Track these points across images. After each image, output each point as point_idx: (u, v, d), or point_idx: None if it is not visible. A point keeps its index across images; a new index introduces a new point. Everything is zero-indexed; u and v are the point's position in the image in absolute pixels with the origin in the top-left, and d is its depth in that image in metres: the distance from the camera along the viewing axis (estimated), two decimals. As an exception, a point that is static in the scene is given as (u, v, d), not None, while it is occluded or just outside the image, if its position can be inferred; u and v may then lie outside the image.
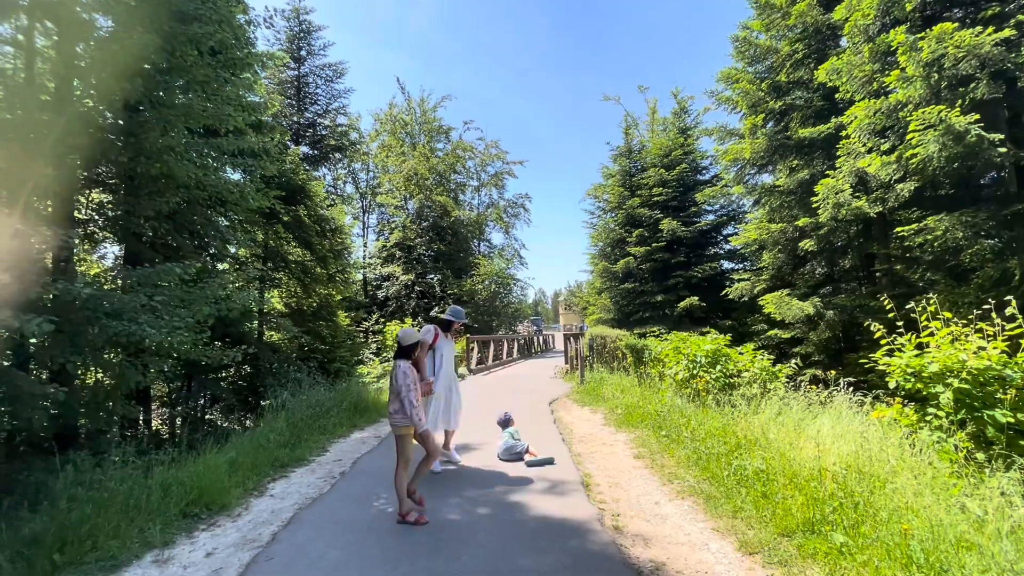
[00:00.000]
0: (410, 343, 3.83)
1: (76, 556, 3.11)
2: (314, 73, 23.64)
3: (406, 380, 3.67)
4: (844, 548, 2.98)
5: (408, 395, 3.63)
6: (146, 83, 5.22)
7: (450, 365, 5.17)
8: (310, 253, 12.40)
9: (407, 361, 3.77)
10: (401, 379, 3.67)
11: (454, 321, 5.26)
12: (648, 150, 21.34)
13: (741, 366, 7.21)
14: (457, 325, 5.31)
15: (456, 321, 5.28)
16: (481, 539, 3.39)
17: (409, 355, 3.80)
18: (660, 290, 18.70)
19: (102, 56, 5.80)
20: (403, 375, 3.68)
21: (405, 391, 3.64)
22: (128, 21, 5.46)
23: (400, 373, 3.68)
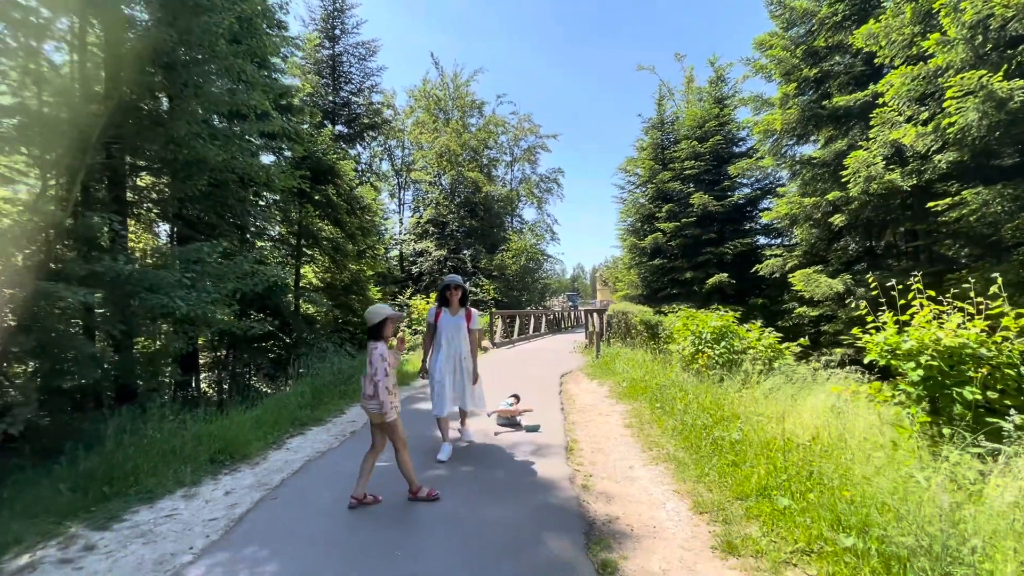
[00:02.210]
0: (377, 321, 3.43)
1: (121, 489, 3.73)
2: (348, 52, 24.10)
3: (382, 364, 3.36)
4: (787, 510, 3.18)
5: (383, 381, 3.33)
6: (173, 74, 5.71)
7: (455, 344, 4.57)
8: (340, 230, 13.04)
9: (383, 343, 3.44)
10: (377, 363, 3.35)
11: (449, 289, 4.59)
12: (681, 122, 20.74)
13: (746, 343, 7.25)
14: (452, 294, 4.58)
15: (451, 289, 4.58)
16: (459, 491, 3.79)
17: (379, 336, 3.43)
18: (689, 267, 18.45)
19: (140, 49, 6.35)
20: (379, 358, 3.36)
21: (381, 375, 3.33)
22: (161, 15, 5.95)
23: (376, 356, 3.36)
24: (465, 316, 4.66)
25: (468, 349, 4.65)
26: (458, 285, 4.67)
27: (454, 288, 4.64)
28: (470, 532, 3.12)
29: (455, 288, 4.64)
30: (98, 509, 3.47)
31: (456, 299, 4.65)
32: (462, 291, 4.68)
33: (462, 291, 4.68)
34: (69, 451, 4.23)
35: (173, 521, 3.36)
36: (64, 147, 6.47)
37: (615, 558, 2.85)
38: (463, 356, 4.62)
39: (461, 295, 4.67)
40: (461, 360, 4.62)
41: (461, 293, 4.67)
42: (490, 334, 15.15)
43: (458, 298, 4.65)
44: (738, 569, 2.74)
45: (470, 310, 4.73)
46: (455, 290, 4.64)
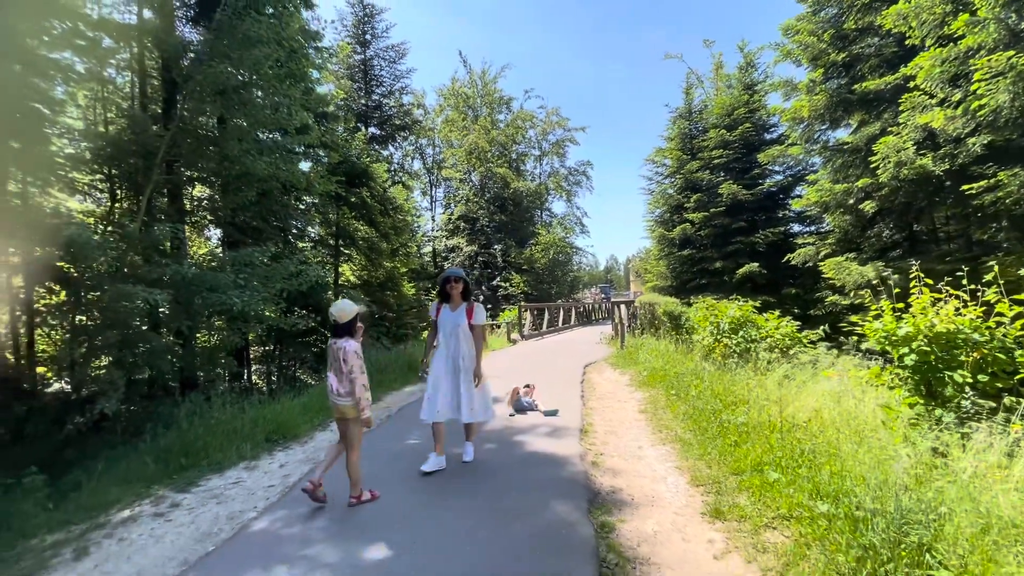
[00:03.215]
0: (349, 318, 3.39)
1: (194, 461, 4.39)
2: (378, 56, 24.89)
3: (358, 361, 3.35)
4: (776, 483, 3.48)
5: (360, 378, 3.33)
6: (225, 98, 6.37)
7: (454, 342, 4.13)
8: (375, 230, 13.74)
9: (353, 339, 3.41)
10: (352, 360, 3.32)
11: (449, 282, 4.19)
12: (710, 110, 20.49)
13: (764, 332, 7.41)
14: (453, 287, 4.17)
15: (451, 282, 4.18)
16: (479, 467, 4.26)
17: (350, 332, 3.41)
18: (719, 257, 18.33)
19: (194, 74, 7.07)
20: (353, 355, 3.34)
21: (358, 372, 3.33)
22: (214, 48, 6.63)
23: (351, 353, 3.34)
24: (466, 312, 4.19)
25: (469, 348, 4.18)
26: (459, 278, 4.22)
27: (455, 281, 4.20)
28: (485, 498, 3.58)
29: (455, 281, 4.20)
30: (178, 477, 4.13)
31: (457, 293, 4.22)
32: (464, 284, 4.24)
33: (464, 284, 4.24)
34: (150, 431, 4.96)
35: (239, 487, 3.97)
36: (132, 165, 7.29)
37: (613, 521, 3.25)
38: (462, 355, 4.13)
39: (463, 288, 4.24)
40: (460, 360, 4.13)
41: (463, 286, 4.24)
42: (519, 327, 15.60)
43: (459, 292, 4.22)
44: (722, 531, 3.08)
45: (473, 304, 4.25)
46: (456, 283, 4.20)
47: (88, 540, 3.14)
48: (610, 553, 2.85)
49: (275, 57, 6.23)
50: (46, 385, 7.86)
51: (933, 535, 2.50)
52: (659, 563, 2.78)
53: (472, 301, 4.32)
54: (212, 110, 6.21)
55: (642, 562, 2.79)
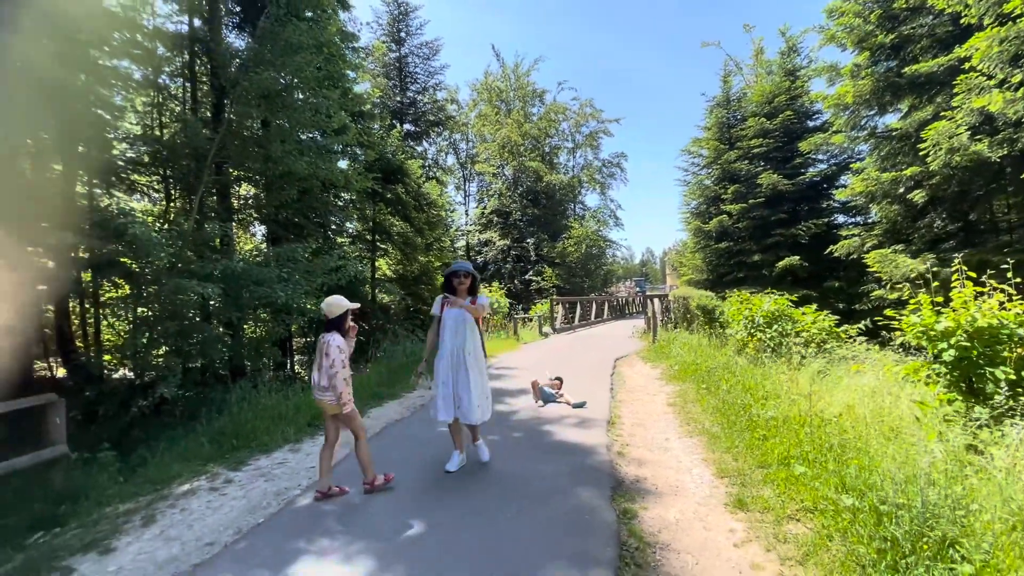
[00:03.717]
0: (339, 313, 3.40)
1: (244, 443, 4.73)
2: (413, 53, 25.32)
3: (339, 356, 3.32)
4: (802, 477, 3.49)
5: (340, 372, 3.31)
6: (269, 101, 6.72)
7: (458, 339, 3.88)
8: (409, 225, 14.10)
9: (337, 334, 3.39)
10: (334, 354, 3.30)
11: (457, 277, 3.94)
12: (749, 98, 19.85)
13: (799, 326, 7.26)
14: (461, 283, 3.92)
15: (460, 277, 3.92)
16: (508, 452, 4.42)
17: (340, 327, 3.42)
18: (758, 249, 17.82)
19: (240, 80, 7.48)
20: (336, 350, 3.31)
21: (339, 367, 3.31)
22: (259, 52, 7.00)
23: (333, 348, 3.31)
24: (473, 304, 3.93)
25: (474, 345, 3.95)
26: (468, 272, 3.96)
27: (463, 276, 3.93)
28: (513, 483, 3.73)
29: (464, 276, 3.93)
30: (230, 456, 4.48)
31: (464, 289, 3.96)
32: (472, 279, 3.97)
33: (472, 279, 3.97)
34: (205, 415, 5.36)
35: (284, 467, 4.28)
36: (185, 167, 7.78)
37: (636, 508, 3.34)
38: (467, 352, 3.87)
39: (470, 284, 3.97)
40: (464, 357, 3.87)
41: (471, 282, 3.97)
42: (550, 320, 15.70)
43: (466, 288, 3.95)
44: (744, 521, 3.13)
45: (480, 297, 4.03)
46: (464, 278, 3.93)
47: (154, 509, 3.48)
48: (631, 538, 2.95)
49: (315, 63, 6.51)
50: (111, 372, 8.54)
51: (960, 530, 2.49)
52: (679, 549, 2.86)
53: (480, 295, 4.06)
54: (257, 113, 6.56)
55: (662, 547, 2.88)
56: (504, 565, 2.64)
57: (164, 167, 8.43)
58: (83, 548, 3.00)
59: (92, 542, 3.06)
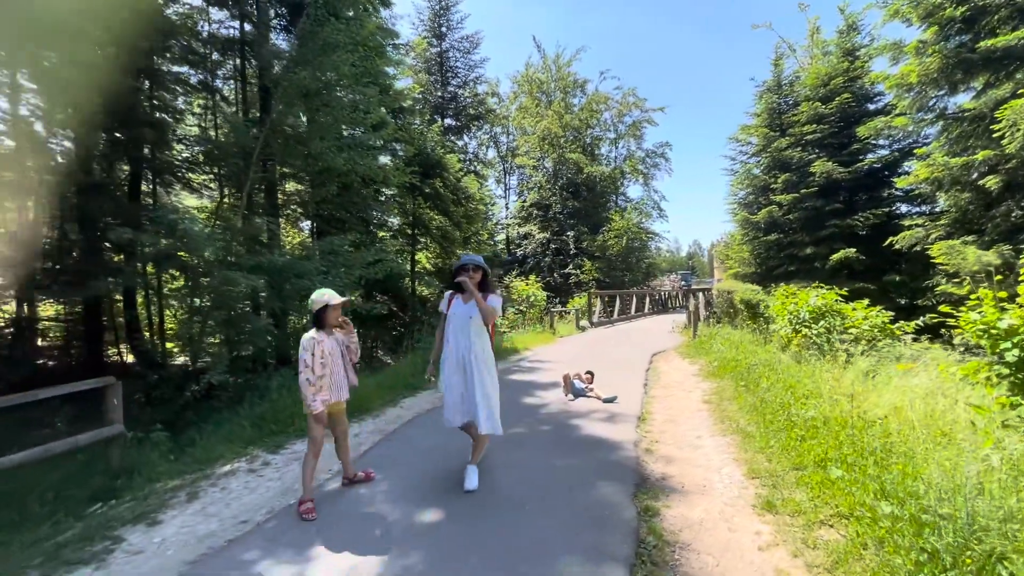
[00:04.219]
0: (316, 309, 3.27)
1: (283, 428, 4.97)
2: (454, 47, 25.52)
3: (304, 355, 3.16)
4: (839, 481, 3.30)
5: (302, 373, 3.15)
6: (309, 99, 6.97)
7: (464, 339, 3.55)
8: (448, 219, 14.28)
9: (319, 330, 3.27)
10: (300, 352, 3.17)
11: (466, 270, 3.55)
12: (802, 81, 18.76)
13: (849, 322, 6.85)
14: (469, 277, 3.50)
15: (468, 271, 3.54)
16: (533, 445, 4.43)
17: (317, 323, 3.29)
18: (810, 242, 16.90)
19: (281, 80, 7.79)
20: (302, 348, 3.18)
21: (302, 367, 3.15)
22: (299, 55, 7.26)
23: (301, 345, 3.20)
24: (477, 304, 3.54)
25: (483, 346, 3.60)
26: (477, 266, 3.58)
27: (472, 270, 3.55)
28: (536, 474, 3.74)
29: (474, 270, 3.56)
30: (270, 440, 4.72)
31: (474, 284, 3.55)
32: (483, 273, 3.60)
33: (483, 273, 3.60)
34: (249, 400, 5.66)
35: (318, 452, 4.46)
36: (235, 165, 8.19)
37: (658, 506, 3.27)
38: (474, 355, 3.53)
39: (481, 279, 3.58)
40: (472, 360, 3.52)
41: (481, 276, 3.59)
42: (588, 314, 15.53)
43: (476, 283, 3.53)
44: (772, 524, 3.00)
45: (491, 296, 3.60)
46: (474, 272, 3.55)
47: (198, 487, 3.72)
48: (650, 535, 2.89)
49: (351, 61, 6.67)
50: (173, 359, 9.16)
51: (1012, 545, 2.30)
52: (699, 549, 2.78)
53: (490, 293, 3.60)
54: (297, 112, 6.82)
55: (682, 546, 2.81)
56: (516, 556, 2.65)
57: (217, 165, 8.92)
58: (133, 520, 3.25)
59: (142, 514, 3.31)
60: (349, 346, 3.50)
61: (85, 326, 9.14)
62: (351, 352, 3.52)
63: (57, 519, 3.26)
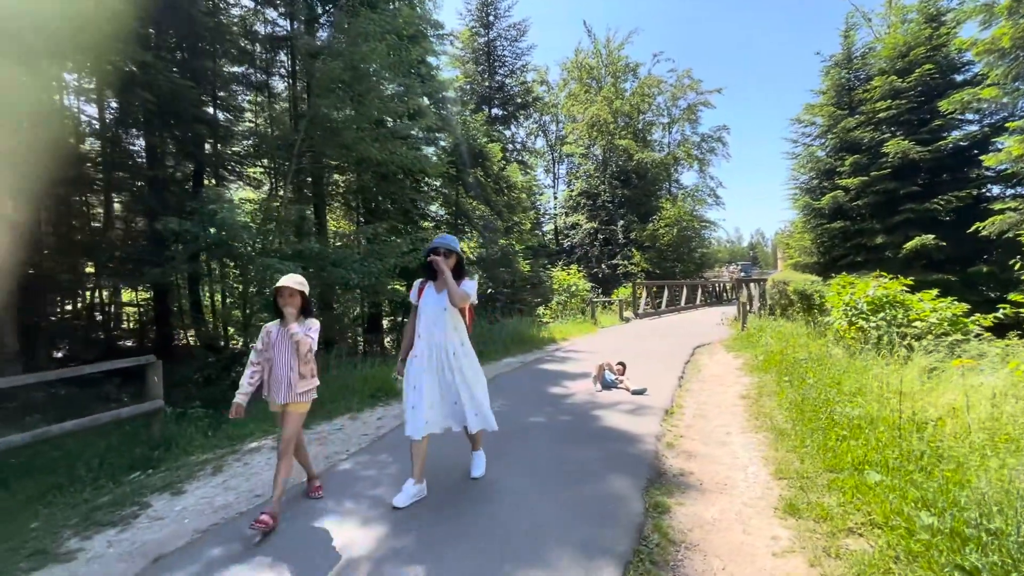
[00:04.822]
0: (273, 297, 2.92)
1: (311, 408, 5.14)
2: (501, 36, 25.36)
3: (255, 347, 2.96)
4: (878, 486, 2.99)
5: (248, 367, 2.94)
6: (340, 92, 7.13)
7: (439, 332, 3.13)
8: (489, 209, 14.28)
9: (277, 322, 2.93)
10: (258, 344, 2.96)
11: (437, 254, 3.12)
12: (877, 53, 17.17)
13: (914, 314, 6.21)
14: (440, 260, 3.08)
15: (438, 256, 3.11)
16: (550, 434, 4.34)
17: (277, 312, 2.92)
18: (881, 229, 15.56)
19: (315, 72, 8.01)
20: (260, 340, 2.96)
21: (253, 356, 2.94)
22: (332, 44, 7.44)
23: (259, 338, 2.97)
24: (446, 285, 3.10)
25: (461, 339, 3.22)
26: (449, 249, 3.17)
27: (445, 253, 3.14)
28: (546, 464, 3.65)
29: (446, 253, 3.15)
30: (297, 420, 4.90)
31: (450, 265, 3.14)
32: (456, 258, 3.20)
33: (456, 258, 3.20)
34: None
35: (341, 433, 4.59)
36: (282, 156, 8.54)
37: (670, 502, 3.09)
38: (454, 352, 3.15)
39: (455, 264, 3.18)
40: (451, 359, 3.14)
41: (455, 261, 3.19)
42: (633, 305, 15.09)
43: (450, 268, 3.13)
44: (792, 529, 2.75)
45: (465, 281, 3.18)
46: (446, 256, 3.14)
47: (224, 462, 3.93)
48: (655, 533, 2.73)
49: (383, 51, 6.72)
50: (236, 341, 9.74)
51: (1074, 570, 1.97)
52: (707, 551, 2.60)
53: (465, 280, 3.21)
54: (331, 103, 6.98)
55: (688, 546, 2.63)
56: (507, 544, 2.58)
57: (266, 158, 9.37)
58: (162, 488, 3.47)
59: (170, 484, 3.52)
60: (298, 342, 2.85)
61: (155, 311, 9.95)
62: (300, 351, 2.88)
63: (99, 484, 3.54)
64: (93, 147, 8.97)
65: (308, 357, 2.93)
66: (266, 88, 10.93)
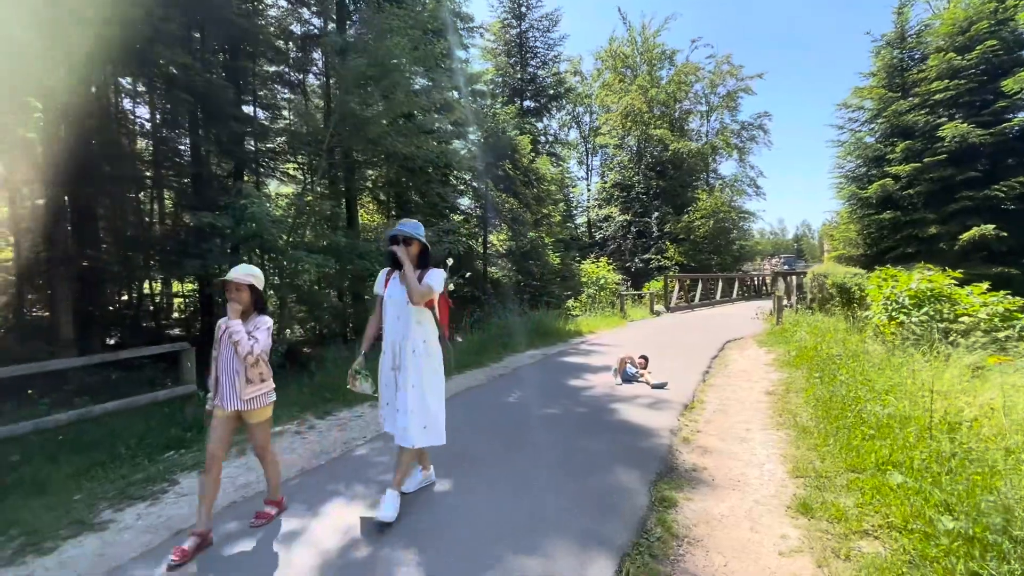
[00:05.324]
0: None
1: (334, 396, 5.34)
2: (533, 27, 25.13)
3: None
4: (900, 487, 2.84)
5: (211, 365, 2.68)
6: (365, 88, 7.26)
7: (399, 327, 2.85)
8: (517, 201, 14.26)
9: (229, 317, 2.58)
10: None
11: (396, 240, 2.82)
12: (934, 30, 16.03)
13: (961, 309, 5.82)
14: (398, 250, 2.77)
15: (398, 244, 2.80)
16: (564, 425, 4.34)
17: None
18: (935, 219, 14.61)
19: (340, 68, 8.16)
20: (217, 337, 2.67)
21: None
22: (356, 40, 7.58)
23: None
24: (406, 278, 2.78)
25: (424, 338, 2.88)
26: (409, 237, 2.84)
27: (403, 241, 2.83)
28: (555, 455, 3.65)
29: (405, 241, 2.83)
30: (320, 407, 5.09)
31: (413, 256, 2.85)
32: (419, 246, 2.88)
33: (419, 246, 2.88)
34: (315, 368, 6.14)
35: (360, 420, 4.74)
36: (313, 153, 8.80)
37: (679, 497, 3.04)
38: (411, 348, 2.82)
39: (420, 253, 2.88)
40: (404, 355, 2.82)
41: (419, 249, 2.88)
42: (664, 298, 14.77)
43: (416, 255, 2.86)
44: (803, 529, 2.66)
45: (429, 272, 2.85)
46: (406, 244, 2.82)
47: (247, 446, 4.11)
48: (658, 527, 2.70)
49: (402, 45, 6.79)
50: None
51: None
52: (710, 547, 2.55)
53: (429, 269, 2.89)
54: (357, 99, 7.12)
55: (691, 542, 2.59)
56: (505, 531, 2.61)
57: (299, 154, 9.67)
58: (191, 467, 3.68)
59: (198, 463, 3.73)
60: (236, 344, 2.52)
61: (199, 301, 10.49)
62: (238, 353, 2.54)
63: (136, 461, 3.79)
64: (145, 146, 9.54)
65: (250, 360, 2.55)
66: (302, 86, 11.27)
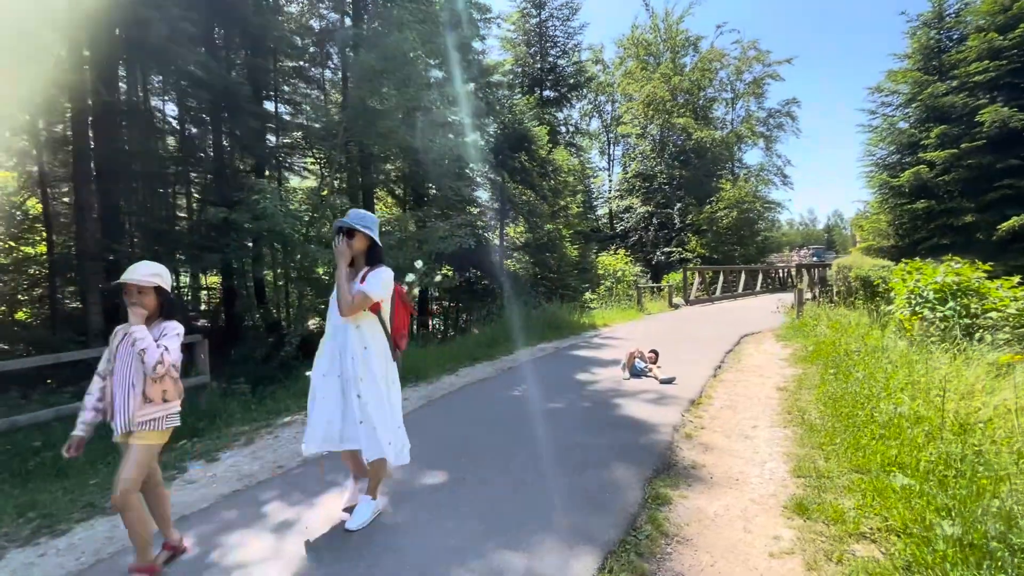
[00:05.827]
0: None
1: (345, 387, 5.42)
2: (553, 16, 24.80)
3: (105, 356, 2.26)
4: (903, 490, 2.75)
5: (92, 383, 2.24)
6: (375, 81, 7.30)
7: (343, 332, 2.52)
8: (533, 193, 14.19)
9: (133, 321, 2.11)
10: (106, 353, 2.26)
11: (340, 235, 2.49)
12: (973, 8, 15.19)
13: (989, 303, 5.56)
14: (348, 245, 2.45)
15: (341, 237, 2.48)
16: (565, 420, 4.33)
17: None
18: (973, 208, 13.95)
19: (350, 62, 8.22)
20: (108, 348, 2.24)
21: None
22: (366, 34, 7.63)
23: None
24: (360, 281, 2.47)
25: (366, 341, 2.51)
26: (352, 229, 2.48)
27: (346, 232, 2.50)
28: (552, 450, 3.65)
29: (348, 234, 2.49)
30: (330, 397, 5.19)
31: (358, 251, 2.52)
32: (368, 241, 2.54)
33: (368, 241, 2.54)
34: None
35: (366, 411, 4.81)
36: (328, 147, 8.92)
37: (673, 494, 3.01)
38: (351, 356, 2.48)
39: (368, 248, 2.55)
40: (349, 362, 2.49)
41: (368, 244, 2.54)
42: (684, 291, 14.52)
43: (363, 251, 2.54)
44: (798, 530, 2.60)
45: (376, 270, 2.50)
46: (352, 237, 2.49)
47: (256, 434, 4.25)
48: (648, 524, 2.68)
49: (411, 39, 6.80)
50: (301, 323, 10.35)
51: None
52: (699, 546, 2.52)
53: (377, 267, 2.53)
54: (368, 92, 7.17)
55: (680, 540, 2.56)
56: (491, 526, 2.63)
57: (314, 149, 9.82)
58: (201, 455, 3.82)
59: (208, 451, 3.87)
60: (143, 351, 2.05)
61: (222, 294, 10.81)
62: (145, 364, 2.07)
63: (151, 449, 3.95)
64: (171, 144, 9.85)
65: (158, 371, 2.07)
66: (320, 81, 11.42)
